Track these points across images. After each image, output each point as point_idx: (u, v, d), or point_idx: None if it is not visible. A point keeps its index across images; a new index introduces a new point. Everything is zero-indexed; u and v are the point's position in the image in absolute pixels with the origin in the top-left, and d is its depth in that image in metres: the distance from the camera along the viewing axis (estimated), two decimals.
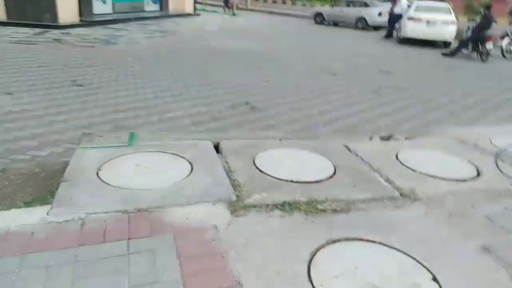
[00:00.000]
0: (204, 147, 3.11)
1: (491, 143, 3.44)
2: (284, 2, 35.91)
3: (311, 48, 11.00)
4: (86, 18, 11.50)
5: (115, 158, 2.79)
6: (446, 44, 12.50)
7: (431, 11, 12.64)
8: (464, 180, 2.79)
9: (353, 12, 17.46)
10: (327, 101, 5.70)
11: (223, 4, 20.91)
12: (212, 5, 25.59)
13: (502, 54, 10.90)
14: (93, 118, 4.37)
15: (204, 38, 11.27)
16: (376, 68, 8.50)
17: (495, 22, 10.62)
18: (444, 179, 2.79)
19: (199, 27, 13.94)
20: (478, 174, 2.87)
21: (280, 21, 19.79)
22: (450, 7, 13.18)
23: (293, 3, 36.10)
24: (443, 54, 11.01)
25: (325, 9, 19.45)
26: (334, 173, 2.85)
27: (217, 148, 3.15)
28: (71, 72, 6.23)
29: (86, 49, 8.25)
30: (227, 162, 2.90)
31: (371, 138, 3.64)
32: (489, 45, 10.07)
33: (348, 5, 18.14)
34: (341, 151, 3.27)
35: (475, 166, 2.99)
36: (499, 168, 2.95)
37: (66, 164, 2.65)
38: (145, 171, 2.66)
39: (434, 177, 2.82)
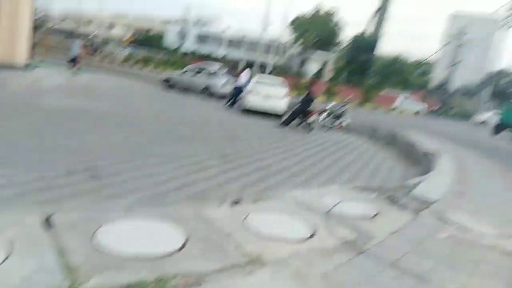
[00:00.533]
0: (28, 223, 2.61)
1: (321, 203, 3.94)
2: (135, 63, 35.87)
3: (159, 112, 11.04)
4: None
5: None
6: (280, 115, 14.34)
7: (268, 85, 14.47)
8: (303, 240, 3.06)
9: (200, 80, 18.63)
10: (177, 167, 5.66)
11: (67, 60, 19.42)
12: (55, 59, 23.55)
13: (322, 126, 13.14)
14: None
15: (40, 96, 10.08)
16: (222, 134, 9.04)
17: (314, 99, 12.85)
18: (287, 240, 3.01)
19: (34, 83, 12.48)
20: (314, 233, 3.20)
21: (129, 83, 19.49)
22: (285, 82, 15.42)
23: (144, 66, 36.43)
24: (279, 124, 12.57)
25: (174, 76, 20.19)
26: (186, 243, 2.75)
27: (48, 224, 2.68)
28: None
29: None
30: (59, 240, 2.48)
31: (221, 204, 3.72)
32: (312, 118, 12.04)
33: (196, 74, 19.31)
34: (192, 218, 3.20)
35: (311, 226, 3.33)
36: (328, 226, 3.36)
37: None
38: None
39: (278, 239, 3.01)
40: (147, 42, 58.72)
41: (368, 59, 37.59)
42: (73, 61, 18.52)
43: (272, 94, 14.04)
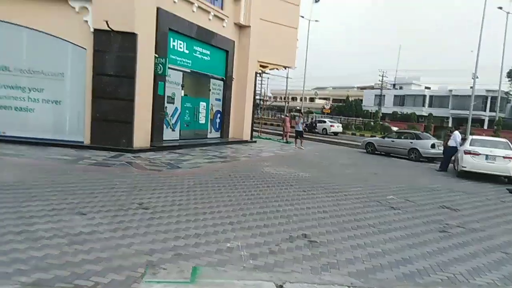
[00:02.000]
0: None
1: None
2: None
3: (364, 177, 11.01)
4: (156, 143, 12.76)
5: None
6: (509, 179, 11.98)
7: (489, 146, 12.55)
8: None
9: (405, 143, 17.78)
10: (389, 239, 5.40)
11: (284, 133, 22.50)
12: (267, 132, 27.63)
13: None
14: (155, 244, 4.45)
15: (260, 164, 11.81)
16: (437, 203, 8.15)
17: None
18: None
19: (256, 154, 14.77)
20: None
21: (331, 149, 20.51)
22: (509, 142, 13.03)
23: (345, 132, 37.89)
24: (509, 190, 10.44)
25: (376, 139, 20.08)
26: None
27: None
28: (138, 195, 6.65)
29: (153, 172, 8.92)
30: None
31: None
32: None
33: (399, 137, 18.64)
34: None
35: None
36: None
37: None
38: None
39: None
40: (346, 109, 61.46)
41: None
42: (299, 134, 19.64)
43: (496, 154, 12.03)
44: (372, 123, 46.26)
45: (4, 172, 7.44)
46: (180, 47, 14.52)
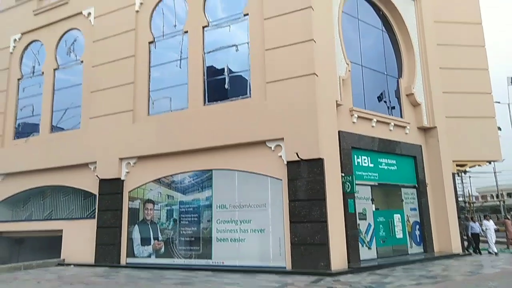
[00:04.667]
0: None
1: None
2: None
3: None
4: (354, 264, 12.27)
5: None
6: None
7: None
8: None
9: None
10: None
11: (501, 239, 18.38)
12: (483, 241, 22.97)
13: None
14: None
15: (485, 285, 9.63)
16: None
17: None
18: None
19: (475, 270, 12.25)
20: None
21: None
22: None
23: None
24: None
25: None
26: None
27: None
28: None
29: None
30: None
31: None
32: None
33: None
34: None
35: None
36: None
37: None
38: None
39: None
40: None
41: None
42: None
43: None
44: None
45: None
46: (365, 162, 14.73)
